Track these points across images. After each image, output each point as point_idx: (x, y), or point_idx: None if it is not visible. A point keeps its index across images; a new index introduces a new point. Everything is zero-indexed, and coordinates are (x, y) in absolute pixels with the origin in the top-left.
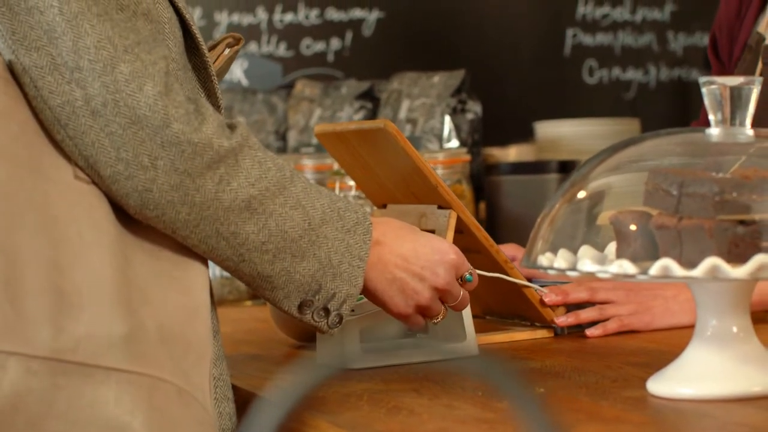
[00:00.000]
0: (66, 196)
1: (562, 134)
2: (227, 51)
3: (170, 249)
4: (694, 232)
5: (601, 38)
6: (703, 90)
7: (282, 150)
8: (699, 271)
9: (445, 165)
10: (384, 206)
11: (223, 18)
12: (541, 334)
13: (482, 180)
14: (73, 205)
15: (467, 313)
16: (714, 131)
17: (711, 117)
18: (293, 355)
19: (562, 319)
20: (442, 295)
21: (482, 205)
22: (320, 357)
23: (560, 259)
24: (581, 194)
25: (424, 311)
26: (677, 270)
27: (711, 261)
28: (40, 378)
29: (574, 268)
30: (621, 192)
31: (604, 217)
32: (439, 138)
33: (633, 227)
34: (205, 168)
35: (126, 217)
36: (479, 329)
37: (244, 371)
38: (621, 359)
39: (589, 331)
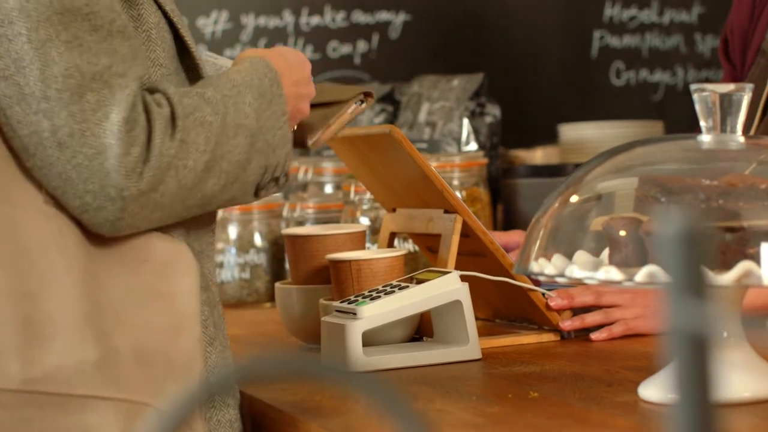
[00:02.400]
0: (34, 223)
1: (586, 136)
2: (352, 108)
3: (152, 261)
4: None
5: (629, 40)
6: (694, 96)
7: (305, 152)
8: None
9: (462, 168)
10: (394, 210)
11: (249, 21)
12: (548, 337)
13: (500, 183)
14: (41, 232)
15: (470, 317)
16: (705, 138)
17: (702, 123)
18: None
19: (568, 323)
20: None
21: (500, 208)
22: (324, 359)
23: (550, 265)
24: (574, 198)
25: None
26: (663, 276)
27: None
28: (10, 411)
29: (562, 274)
30: (613, 198)
31: (597, 223)
32: (458, 141)
33: (623, 233)
34: (164, 173)
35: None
36: (487, 332)
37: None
38: (621, 363)
39: (594, 335)
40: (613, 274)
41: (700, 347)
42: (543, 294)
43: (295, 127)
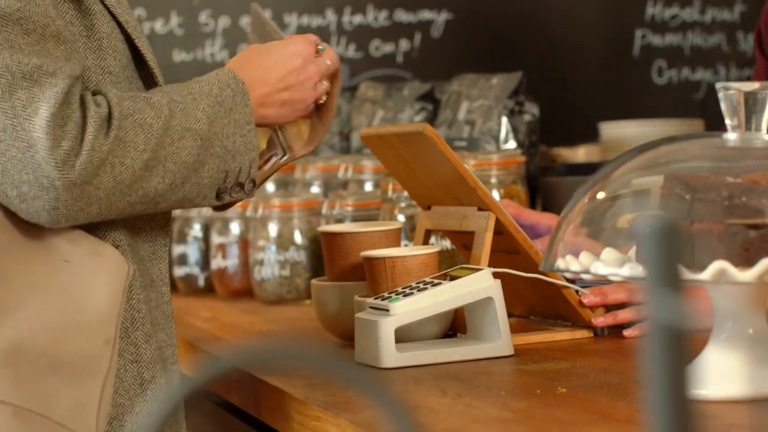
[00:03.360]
0: None
1: (627, 135)
2: (267, 167)
3: (74, 261)
4: (705, 236)
5: (670, 39)
6: (720, 95)
7: (346, 151)
8: (706, 275)
9: (500, 166)
10: (429, 208)
11: (292, 20)
12: (581, 334)
13: (538, 181)
14: None
15: (502, 314)
16: (730, 136)
17: (727, 122)
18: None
19: (600, 320)
20: (320, 78)
21: (538, 206)
22: (358, 356)
23: (576, 262)
24: (601, 195)
25: (314, 99)
26: (686, 273)
27: (718, 265)
28: None
29: (588, 271)
30: (640, 195)
31: (624, 220)
32: (496, 139)
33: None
34: (98, 167)
35: (25, 230)
36: (521, 329)
37: (285, 370)
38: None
39: (626, 332)
40: (638, 270)
41: (675, 341)
42: (576, 291)
43: (281, 134)
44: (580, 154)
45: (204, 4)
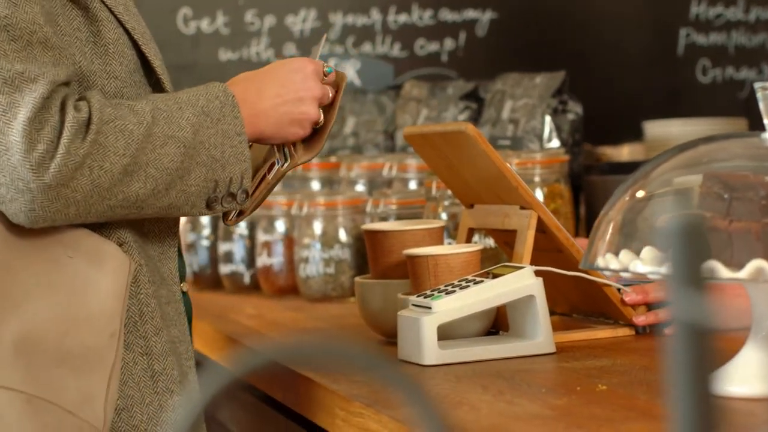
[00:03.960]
0: None
1: (671, 134)
2: (270, 175)
3: (78, 258)
4: (743, 235)
5: (715, 38)
6: (758, 95)
7: (390, 149)
8: (744, 273)
9: (543, 165)
10: (471, 206)
11: (337, 19)
12: (623, 332)
13: (582, 180)
14: None
15: (544, 312)
16: None
17: (765, 121)
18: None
19: (642, 318)
20: (320, 100)
21: (581, 205)
22: (401, 354)
23: (615, 260)
24: (640, 194)
25: (317, 116)
26: (724, 272)
27: (756, 263)
28: None
29: (627, 269)
30: (679, 194)
31: (663, 219)
32: (540, 138)
33: None
34: (74, 171)
35: (30, 228)
36: (563, 327)
37: (326, 366)
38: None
39: (668, 330)
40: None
41: (699, 339)
42: (618, 289)
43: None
44: (625, 152)
45: (250, 3)
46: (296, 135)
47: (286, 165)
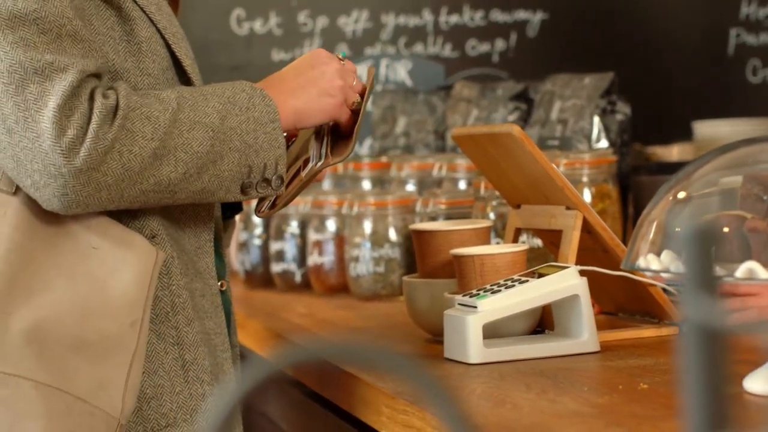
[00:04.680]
0: None
1: (721, 134)
2: (304, 173)
3: (102, 248)
4: None
5: (765, 38)
6: None
7: (441, 149)
8: None
9: (592, 165)
10: (518, 206)
11: (389, 20)
12: (667, 331)
13: (630, 180)
14: None
15: (588, 311)
16: None
17: None
18: (421, 352)
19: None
20: (342, 74)
21: (629, 205)
22: (447, 352)
23: (656, 261)
24: (681, 195)
25: (347, 96)
26: (761, 272)
27: None
28: None
29: (668, 270)
30: (720, 195)
31: (705, 220)
32: (589, 138)
33: (727, 230)
34: (103, 155)
35: (55, 218)
36: (609, 326)
37: (367, 365)
38: (734, 357)
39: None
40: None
41: (711, 341)
42: (663, 289)
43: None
44: (674, 153)
45: (302, 4)
46: (330, 104)
47: (320, 164)
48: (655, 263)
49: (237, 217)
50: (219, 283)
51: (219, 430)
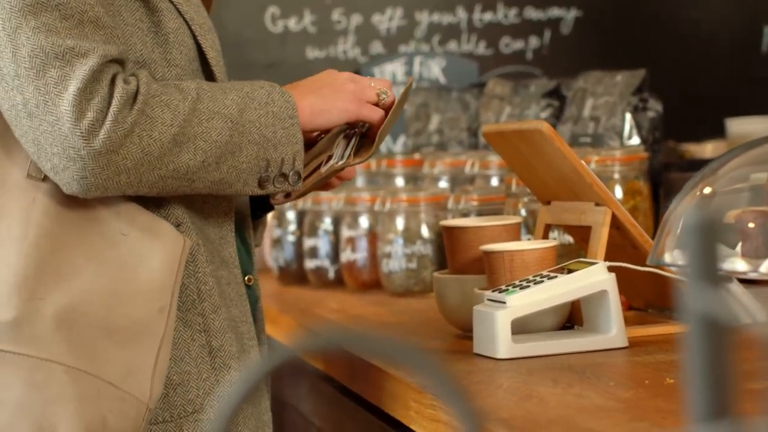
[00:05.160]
0: (7, 195)
1: (754, 131)
2: (324, 168)
3: (130, 235)
4: None
5: None
6: None
7: (474, 146)
8: None
9: (623, 162)
10: (548, 203)
11: (423, 17)
12: None
13: (662, 177)
14: (11, 203)
15: (616, 307)
16: None
17: None
18: (451, 347)
19: None
20: (355, 79)
21: (661, 202)
22: (476, 347)
23: (682, 257)
24: (707, 190)
25: (364, 94)
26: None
27: None
28: None
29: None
30: (746, 191)
31: (730, 216)
32: (620, 135)
33: (751, 225)
34: (123, 138)
35: (85, 204)
36: (638, 322)
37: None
38: (762, 352)
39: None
40: (739, 265)
41: (714, 333)
42: None
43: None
44: (708, 150)
45: (337, 2)
46: (345, 103)
47: (341, 162)
48: (681, 259)
49: (269, 215)
50: (246, 278)
51: (236, 410)
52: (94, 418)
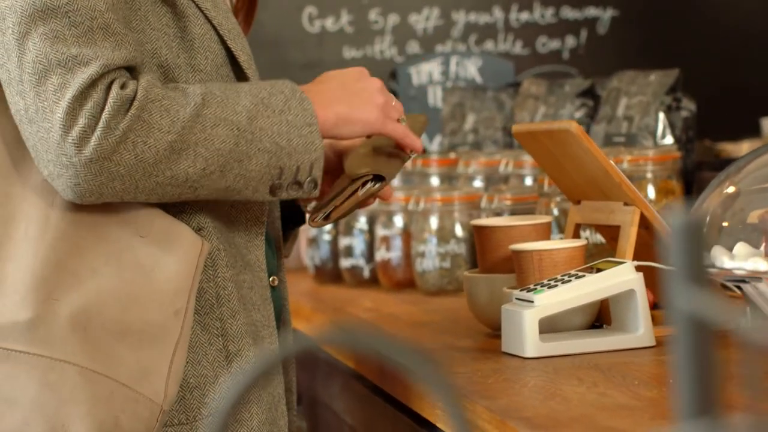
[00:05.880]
0: (25, 197)
1: None
2: (361, 192)
3: (149, 237)
4: None
5: None
6: None
7: (509, 146)
8: None
9: (656, 161)
10: (578, 202)
11: (460, 17)
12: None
13: (695, 176)
14: (29, 205)
15: (644, 306)
16: None
17: None
18: (481, 346)
19: None
20: (384, 92)
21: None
22: (504, 346)
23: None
24: (731, 189)
25: (389, 111)
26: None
27: None
28: None
29: (713, 265)
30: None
31: (754, 216)
32: (653, 135)
33: None
34: (115, 144)
35: (104, 207)
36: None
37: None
38: (752, 353)
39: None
40: (760, 265)
41: (699, 333)
42: (723, 285)
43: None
44: (744, 149)
45: (373, 2)
46: (372, 116)
47: (377, 185)
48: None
49: (301, 228)
50: (270, 279)
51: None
52: (106, 418)
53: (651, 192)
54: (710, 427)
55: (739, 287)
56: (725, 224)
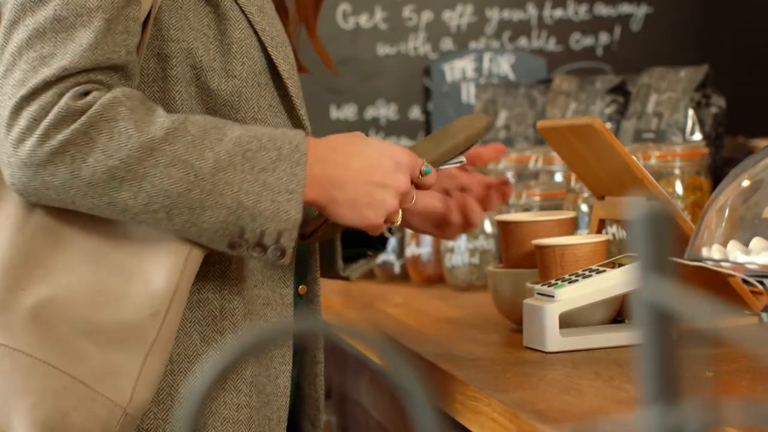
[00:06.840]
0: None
1: None
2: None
3: (134, 239)
4: None
5: None
6: None
7: (540, 142)
8: None
9: (684, 158)
10: (602, 198)
11: (494, 14)
12: (746, 321)
13: (723, 172)
14: (10, 194)
15: None
16: None
17: None
18: (504, 341)
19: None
20: (404, 196)
21: None
22: (526, 340)
23: (716, 250)
24: (745, 183)
25: (392, 216)
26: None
27: None
28: None
29: (726, 259)
30: None
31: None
32: (683, 131)
33: None
34: (50, 154)
35: None
36: None
37: (453, 353)
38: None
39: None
40: None
41: (664, 323)
42: (743, 280)
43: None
44: None
45: None
46: (367, 221)
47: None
48: (718, 253)
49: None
50: (299, 287)
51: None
52: (52, 413)
53: (679, 188)
54: (671, 413)
55: (761, 282)
56: (741, 218)
